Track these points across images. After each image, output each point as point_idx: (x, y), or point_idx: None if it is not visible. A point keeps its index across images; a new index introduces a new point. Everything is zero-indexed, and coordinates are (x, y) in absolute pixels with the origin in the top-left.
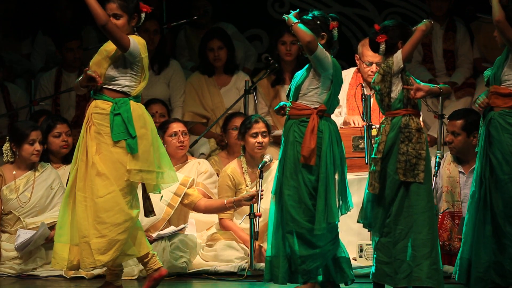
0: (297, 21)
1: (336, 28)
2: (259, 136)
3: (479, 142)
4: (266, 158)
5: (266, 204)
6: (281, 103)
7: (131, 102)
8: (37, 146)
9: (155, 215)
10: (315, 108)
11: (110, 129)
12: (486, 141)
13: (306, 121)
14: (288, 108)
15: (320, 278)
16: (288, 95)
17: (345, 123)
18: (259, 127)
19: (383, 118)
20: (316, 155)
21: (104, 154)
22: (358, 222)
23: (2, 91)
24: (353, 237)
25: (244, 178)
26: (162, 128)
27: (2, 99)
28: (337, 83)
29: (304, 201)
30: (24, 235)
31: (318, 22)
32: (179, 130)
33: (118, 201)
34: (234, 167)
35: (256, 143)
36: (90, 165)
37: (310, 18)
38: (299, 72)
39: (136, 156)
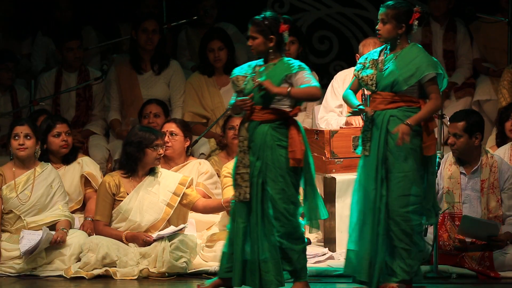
0: (287, 87)
1: (286, 31)
2: None
3: (371, 144)
4: None
5: None
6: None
7: None
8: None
9: None
10: (289, 111)
11: None
12: (384, 140)
13: (282, 125)
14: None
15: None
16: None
17: (347, 123)
18: None
19: None
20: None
21: None
22: None
23: (10, 91)
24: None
25: None
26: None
27: (10, 99)
28: None
29: (292, 201)
30: (28, 236)
31: (267, 23)
32: (167, 130)
33: None
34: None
35: None
36: None
37: (261, 19)
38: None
39: None
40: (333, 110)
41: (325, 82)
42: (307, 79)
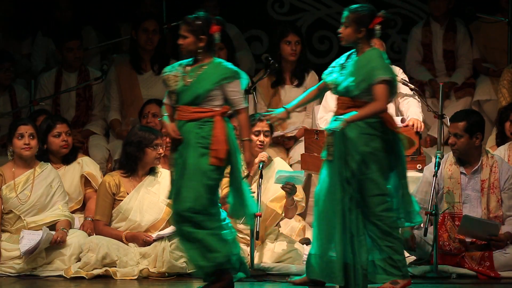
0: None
1: (218, 32)
2: (261, 134)
3: (334, 148)
4: (264, 157)
5: (266, 201)
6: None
7: None
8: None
9: None
10: (217, 110)
11: None
12: (342, 145)
13: (208, 122)
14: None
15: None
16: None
17: None
18: (263, 125)
19: None
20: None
21: None
22: None
23: (9, 91)
24: None
25: None
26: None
27: (9, 99)
28: None
29: (202, 203)
30: (28, 236)
31: (199, 23)
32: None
33: None
34: None
35: (258, 141)
36: None
37: (193, 19)
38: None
39: None
40: (332, 110)
41: None
42: (239, 98)
